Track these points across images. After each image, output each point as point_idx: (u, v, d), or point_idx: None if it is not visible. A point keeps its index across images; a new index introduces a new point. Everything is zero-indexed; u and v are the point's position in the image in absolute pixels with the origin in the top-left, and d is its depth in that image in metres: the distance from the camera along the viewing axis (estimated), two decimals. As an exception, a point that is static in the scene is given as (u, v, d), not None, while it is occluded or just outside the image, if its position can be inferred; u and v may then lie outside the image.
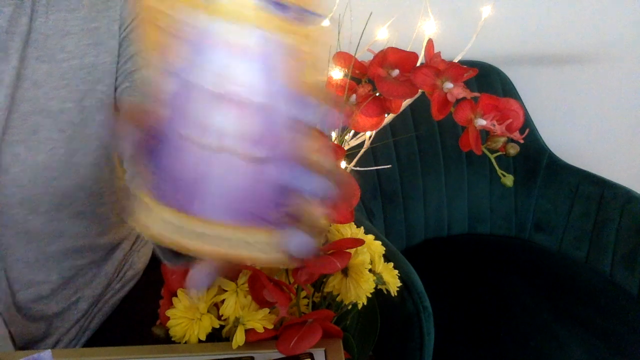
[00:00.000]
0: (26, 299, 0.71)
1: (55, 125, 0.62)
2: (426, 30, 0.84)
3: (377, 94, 0.64)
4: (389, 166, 1.37)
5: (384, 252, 0.66)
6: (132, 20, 0.64)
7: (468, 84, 0.61)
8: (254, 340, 0.57)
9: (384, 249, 0.66)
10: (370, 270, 0.63)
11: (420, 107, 1.22)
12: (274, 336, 0.57)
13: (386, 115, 0.70)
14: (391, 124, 1.37)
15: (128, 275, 0.82)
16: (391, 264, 0.66)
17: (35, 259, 0.69)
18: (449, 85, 0.59)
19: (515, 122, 0.59)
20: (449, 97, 0.59)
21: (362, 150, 0.82)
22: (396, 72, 0.61)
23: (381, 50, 0.62)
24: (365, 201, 1.34)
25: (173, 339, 0.59)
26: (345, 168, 0.81)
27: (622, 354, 1.02)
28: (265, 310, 0.58)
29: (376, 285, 0.64)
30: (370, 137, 0.80)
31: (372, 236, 0.65)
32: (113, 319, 0.80)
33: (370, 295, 0.62)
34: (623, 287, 1.24)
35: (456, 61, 0.69)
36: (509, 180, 0.61)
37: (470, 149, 0.58)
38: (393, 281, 0.65)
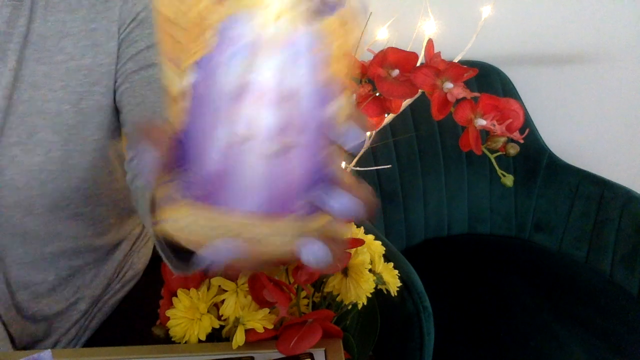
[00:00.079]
0: (25, 300, 0.71)
1: (52, 127, 0.62)
2: (426, 30, 0.84)
3: (377, 94, 0.64)
4: (389, 166, 1.37)
5: (384, 252, 0.66)
6: (132, 21, 0.64)
7: (468, 84, 0.61)
8: (254, 340, 0.57)
9: (384, 249, 0.66)
10: (370, 270, 0.63)
11: (420, 107, 1.22)
12: (274, 336, 0.57)
13: (386, 115, 0.70)
14: (391, 124, 1.37)
15: (128, 275, 0.82)
16: (391, 264, 0.66)
17: (32, 260, 0.69)
18: (449, 85, 0.59)
19: (515, 122, 0.59)
20: (449, 97, 0.59)
21: (362, 150, 0.82)
22: (396, 72, 0.61)
23: (381, 50, 0.62)
24: (365, 201, 1.34)
25: (173, 339, 0.59)
26: (345, 168, 0.81)
27: (622, 354, 1.02)
28: (265, 310, 0.58)
29: (376, 285, 0.64)
30: (370, 137, 0.80)
31: (372, 236, 0.65)
32: (113, 319, 0.80)
33: (370, 295, 0.62)
34: (623, 287, 1.24)
35: (456, 61, 0.69)
36: (509, 180, 0.61)
37: (470, 149, 0.58)
38: (393, 281, 0.65)
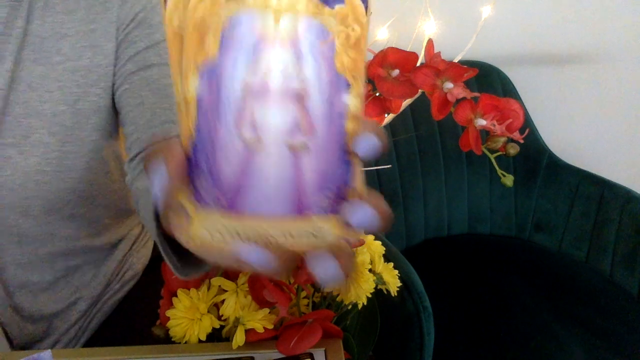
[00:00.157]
0: (22, 300, 0.71)
1: (48, 128, 0.62)
2: (426, 30, 0.84)
3: (377, 94, 0.64)
4: (389, 166, 1.37)
5: (384, 252, 0.66)
6: (131, 22, 0.63)
7: (468, 84, 0.61)
8: (254, 340, 0.57)
9: (384, 249, 0.66)
10: (370, 270, 0.63)
11: (420, 107, 1.22)
12: (274, 336, 0.57)
13: (386, 115, 0.70)
14: (391, 124, 1.37)
15: (127, 275, 0.82)
16: (391, 264, 0.66)
17: (29, 260, 0.69)
18: (449, 85, 0.59)
19: (515, 122, 0.59)
20: (449, 97, 0.59)
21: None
22: (396, 72, 0.61)
23: (381, 50, 0.62)
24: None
25: (173, 339, 0.59)
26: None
27: (622, 354, 1.02)
28: (265, 310, 0.58)
29: (376, 285, 0.64)
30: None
31: (372, 236, 0.65)
32: (112, 319, 0.80)
33: (370, 295, 0.62)
34: (623, 287, 1.24)
35: (456, 61, 0.69)
36: (509, 180, 0.61)
37: (470, 149, 0.58)
38: (393, 281, 0.65)
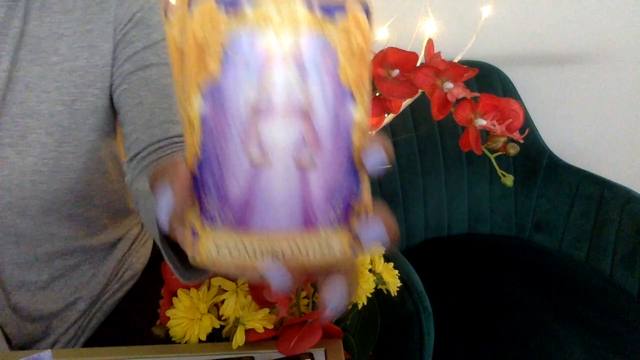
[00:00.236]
0: (21, 299, 0.71)
1: (45, 128, 0.62)
2: (426, 30, 0.84)
3: (377, 94, 0.64)
4: (389, 166, 1.37)
5: (384, 252, 0.66)
6: (128, 22, 0.63)
7: (468, 84, 0.61)
8: (254, 340, 0.57)
9: (384, 248, 0.66)
10: (370, 270, 0.63)
11: (420, 107, 1.22)
12: (274, 336, 0.57)
13: (386, 115, 0.70)
14: (391, 124, 1.37)
15: (127, 275, 0.82)
16: (391, 264, 0.66)
17: (26, 260, 0.69)
18: (449, 85, 0.59)
19: (515, 122, 0.59)
20: (449, 97, 0.59)
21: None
22: (396, 72, 0.61)
23: (381, 50, 0.62)
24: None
25: (173, 339, 0.59)
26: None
27: (622, 354, 1.02)
28: (265, 310, 0.58)
29: (376, 285, 0.64)
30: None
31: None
32: (112, 319, 0.80)
33: (370, 295, 0.62)
34: (623, 287, 1.24)
35: (456, 61, 0.69)
36: (509, 180, 0.61)
37: (470, 149, 0.58)
38: (393, 281, 0.65)
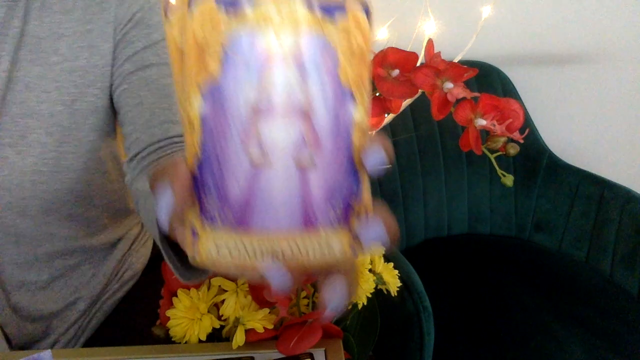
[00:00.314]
0: (21, 299, 0.71)
1: (45, 128, 0.62)
2: (426, 30, 0.84)
3: (377, 94, 0.64)
4: (389, 166, 1.37)
5: (384, 252, 0.66)
6: (128, 22, 0.63)
7: (468, 84, 0.61)
8: (254, 340, 0.57)
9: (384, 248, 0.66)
10: (370, 270, 0.63)
11: (420, 107, 1.22)
12: (274, 336, 0.57)
13: (386, 115, 0.70)
14: (391, 124, 1.37)
15: (126, 275, 0.82)
16: (391, 264, 0.66)
17: (25, 260, 0.69)
18: (449, 85, 0.59)
19: (515, 122, 0.59)
20: (449, 97, 0.59)
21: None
22: (396, 72, 0.61)
23: (381, 50, 0.62)
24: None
25: (173, 339, 0.59)
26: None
27: (622, 354, 1.02)
28: (265, 310, 0.58)
29: (376, 285, 0.64)
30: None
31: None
32: (112, 319, 0.80)
33: (370, 295, 0.62)
34: (623, 287, 1.24)
35: (456, 61, 0.69)
36: (509, 180, 0.61)
37: (470, 149, 0.58)
38: (393, 281, 0.65)
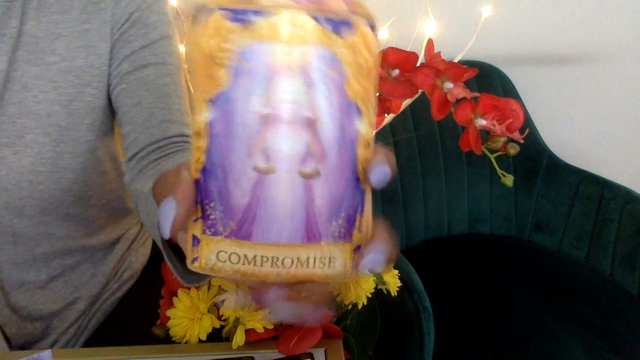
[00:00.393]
0: (20, 299, 0.71)
1: (42, 128, 0.62)
2: (426, 30, 0.84)
3: (377, 94, 0.64)
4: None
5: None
6: (125, 22, 0.63)
7: (468, 84, 0.61)
8: (254, 340, 0.57)
9: (384, 249, 0.66)
10: (370, 270, 0.62)
11: (420, 107, 1.22)
12: (274, 336, 0.57)
13: (386, 115, 0.70)
14: (391, 124, 1.37)
15: (126, 275, 0.82)
16: (391, 264, 0.66)
17: (23, 260, 0.69)
18: (449, 85, 0.59)
19: (515, 122, 0.59)
20: (449, 97, 0.59)
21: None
22: (396, 72, 0.61)
23: (381, 50, 0.62)
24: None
25: (173, 339, 0.59)
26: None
27: (622, 354, 1.02)
28: (265, 310, 0.58)
29: (376, 285, 0.64)
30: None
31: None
32: (112, 319, 0.80)
33: (370, 295, 0.62)
34: (623, 287, 1.24)
35: (456, 61, 0.69)
36: (509, 180, 0.61)
37: (470, 149, 0.58)
38: (393, 281, 0.65)
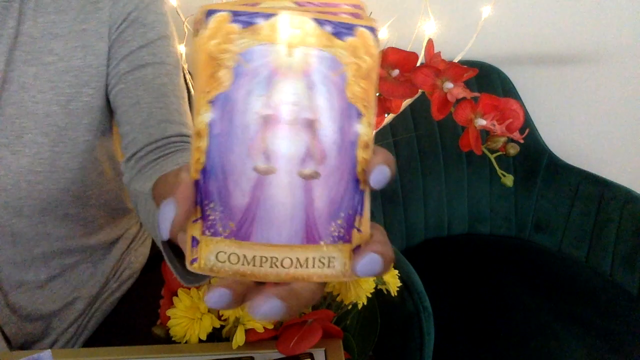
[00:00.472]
0: (19, 299, 0.70)
1: (40, 128, 0.62)
2: (426, 30, 0.84)
3: (377, 94, 0.64)
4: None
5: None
6: (123, 22, 0.63)
7: (468, 84, 0.61)
8: (254, 340, 0.57)
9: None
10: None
11: (420, 107, 1.22)
12: (274, 336, 0.57)
13: (386, 115, 0.70)
14: (391, 124, 1.37)
15: (125, 274, 0.82)
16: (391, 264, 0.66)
17: (22, 260, 0.69)
18: (449, 85, 0.59)
19: (515, 122, 0.59)
20: (449, 97, 0.59)
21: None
22: (396, 72, 0.61)
23: (381, 50, 0.62)
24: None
25: (173, 339, 0.59)
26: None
27: (622, 354, 1.02)
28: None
29: (376, 285, 0.64)
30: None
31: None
32: (112, 319, 0.80)
33: (370, 295, 0.62)
34: (623, 287, 1.24)
35: (456, 61, 0.69)
36: (509, 180, 0.61)
37: (470, 149, 0.58)
38: (393, 281, 0.65)
